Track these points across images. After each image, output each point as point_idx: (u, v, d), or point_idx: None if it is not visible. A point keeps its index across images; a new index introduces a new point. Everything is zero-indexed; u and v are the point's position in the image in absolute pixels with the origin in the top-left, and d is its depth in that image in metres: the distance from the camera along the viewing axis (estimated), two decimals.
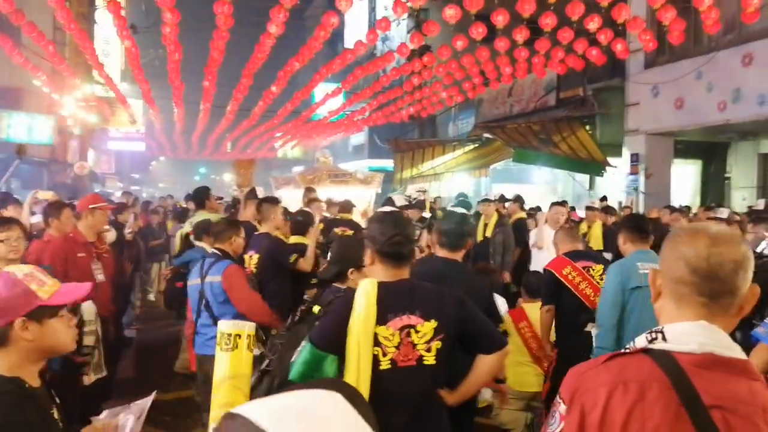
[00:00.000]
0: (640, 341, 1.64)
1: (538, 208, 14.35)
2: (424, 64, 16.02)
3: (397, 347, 2.77)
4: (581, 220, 10.57)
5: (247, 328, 2.01)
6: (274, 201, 6.79)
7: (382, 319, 2.76)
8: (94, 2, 23.86)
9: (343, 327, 2.76)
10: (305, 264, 6.18)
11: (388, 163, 25.62)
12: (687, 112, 14.69)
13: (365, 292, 2.79)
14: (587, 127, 17.37)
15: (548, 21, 11.26)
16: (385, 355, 2.75)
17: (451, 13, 11.29)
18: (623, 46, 13.12)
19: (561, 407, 1.63)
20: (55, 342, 2.15)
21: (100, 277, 5.80)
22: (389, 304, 2.79)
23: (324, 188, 10.95)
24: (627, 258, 4.71)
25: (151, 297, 13.19)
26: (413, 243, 3.05)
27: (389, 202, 11.66)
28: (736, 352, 1.57)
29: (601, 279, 5.04)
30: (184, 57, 14.69)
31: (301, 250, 6.31)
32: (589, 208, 10.22)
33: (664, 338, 1.59)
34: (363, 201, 11.70)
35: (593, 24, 11.54)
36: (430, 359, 2.80)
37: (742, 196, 16.31)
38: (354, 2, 11.00)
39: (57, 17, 12.09)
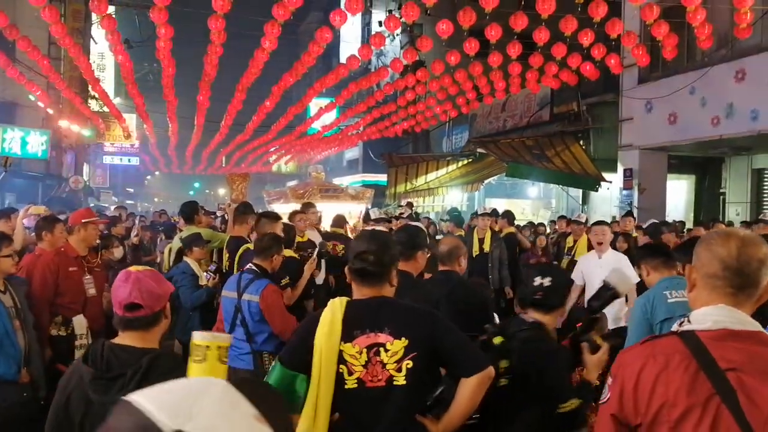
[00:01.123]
0: (674, 328, 1.98)
1: (541, 225, 14.34)
2: (417, 79, 16.05)
3: (364, 366, 2.64)
4: (569, 233, 10.58)
5: (219, 340, 1.97)
6: (273, 217, 6.69)
7: (347, 336, 2.66)
8: (89, 17, 23.92)
9: (309, 344, 2.67)
10: (287, 298, 5.74)
11: (383, 178, 25.60)
12: (680, 127, 14.71)
13: (332, 309, 2.72)
14: (581, 142, 17.42)
15: (541, 36, 11.29)
16: (351, 373, 2.64)
17: (444, 28, 11.32)
18: (617, 61, 13.15)
19: (609, 380, 1.98)
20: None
21: (91, 291, 5.80)
22: (356, 320, 2.69)
23: (315, 203, 10.92)
24: (652, 288, 4.47)
25: None
26: (388, 263, 2.82)
27: (366, 215, 11.67)
28: (750, 326, 1.88)
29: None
30: (178, 72, 14.72)
31: (290, 266, 6.12)
32: (575, 222, 10.21)
33: (688, 321, 1.94)
34: (353, 216, 11.70)
35: (586, 39, 11.57)
36: (400, 379, 2.64)
37: (735, 211, 16.35)
38: (348, 18, 11.03)
39: (52, 32, 12.08)
